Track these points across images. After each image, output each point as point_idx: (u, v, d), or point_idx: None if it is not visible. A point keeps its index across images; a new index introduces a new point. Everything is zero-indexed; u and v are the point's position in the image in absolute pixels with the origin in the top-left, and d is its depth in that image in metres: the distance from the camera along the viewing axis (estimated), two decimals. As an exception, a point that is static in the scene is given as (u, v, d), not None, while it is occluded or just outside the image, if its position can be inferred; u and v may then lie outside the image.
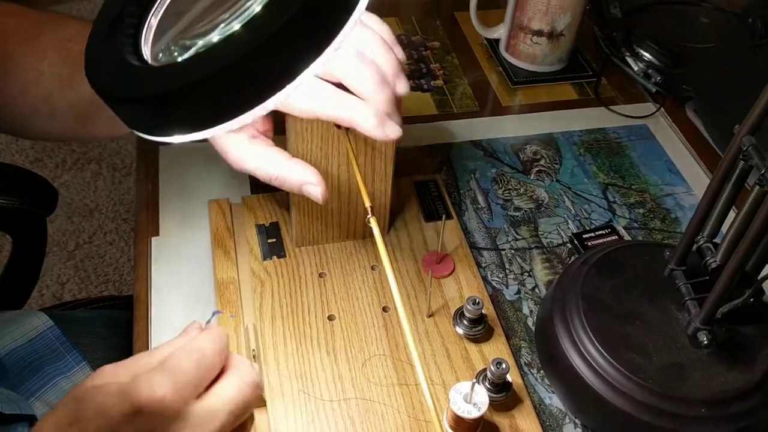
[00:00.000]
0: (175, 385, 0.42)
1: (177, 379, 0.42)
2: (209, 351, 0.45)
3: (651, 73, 0.98)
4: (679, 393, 0.61)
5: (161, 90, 0.36)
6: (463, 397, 0.58)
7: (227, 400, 0.44)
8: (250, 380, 0.45)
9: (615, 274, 0.69)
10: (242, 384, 0.45)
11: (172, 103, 0.36)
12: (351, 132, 0.59)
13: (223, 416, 0.43)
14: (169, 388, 0.41)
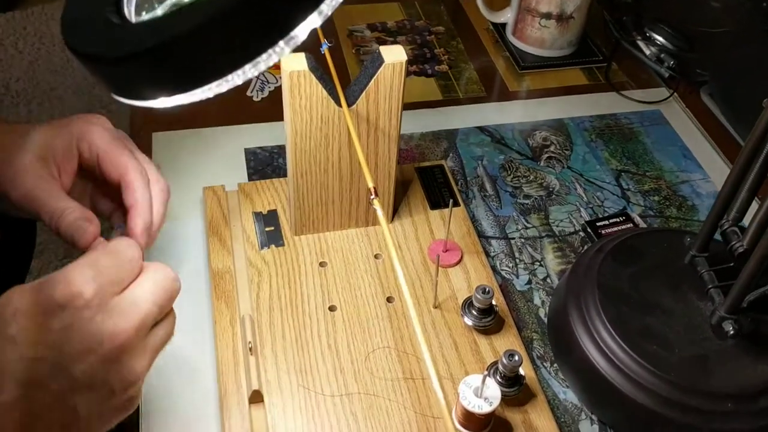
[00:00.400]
0: (95, 279, 0.42)
1: (97, 276, 0.42)
2: (128, 253, 0.45)
3: (664, 57, 0.95)
4: (703, 387, 0.57)
5: (141, 47, 0.32)
6: (474, 391, 0.54)
7: (149, 291, 0.44)
8: (170, 275, 0.46)
9: (632, 262, 0.65)
10: (161, 277, 0.45)
11: (153, 60, 0.32)
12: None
13: (146, 306, 0.44)
14: (90, 282, 0.41)
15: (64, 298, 0.41)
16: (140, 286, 0.44)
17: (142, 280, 0.45)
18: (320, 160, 0.63)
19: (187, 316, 0.65)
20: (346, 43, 0.97)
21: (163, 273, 0.46)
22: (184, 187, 0.76)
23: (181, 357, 0.63)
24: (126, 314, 0.42)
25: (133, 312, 0.43)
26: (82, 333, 0.41)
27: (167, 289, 0.45)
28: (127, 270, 0.44)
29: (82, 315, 0.41)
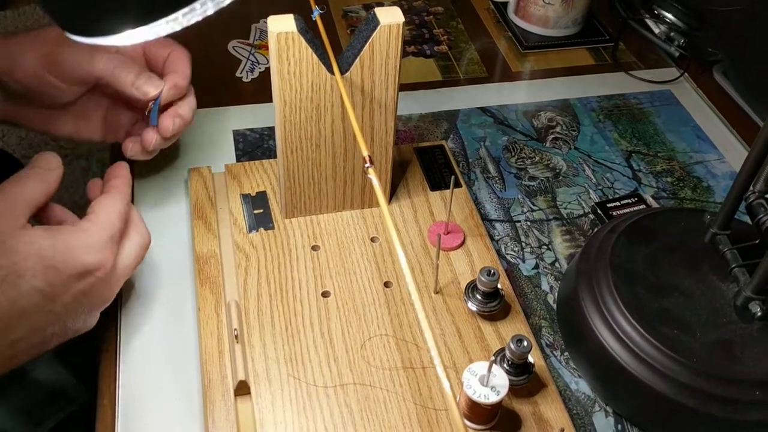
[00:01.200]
0: (113, 250, 0.50)
1: (115, 245, 0.51)
2: (128, 210, 0.53)
3: (674, 36, 0.90)
4: (728, 374, 0.52)
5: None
6: (479, 380, 0.50)
7: (133, 258, 0.53)
8: (147, 241, 0.55)
9: (648, 242, 0.60)
10: (143, 243, 0.54)
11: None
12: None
13: (129, 272, 0.53)
14: (110, 254, 0.50)
15: (93, 266, 0.49)
16: (130, 253, 0.53)
17: (131, 244, 0.53)
18: (311, 135, 0.59)
19: (169, 302, 0.61)
20: (341, 23, 0.93)
21: (145, 240, 0.54)
22: (169, 170, 0.72)
23: (163, 346, 0.58)
24: (117, 282, 0.52)
25: (124, 277, 0.53)
26: (91, 300, 0.50)
27: (141, 255, 0.55)
28: (123, 231, 0.52)
29: (96, 284, 0.50)
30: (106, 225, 0.50)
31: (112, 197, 0.52)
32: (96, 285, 0.49)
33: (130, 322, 0.60)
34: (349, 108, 0.52)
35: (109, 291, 0.51)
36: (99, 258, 0.48)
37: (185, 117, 0.63)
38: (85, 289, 0.49)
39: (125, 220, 0.52)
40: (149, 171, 0.72)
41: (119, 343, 0.58)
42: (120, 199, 0.52)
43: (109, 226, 0.50)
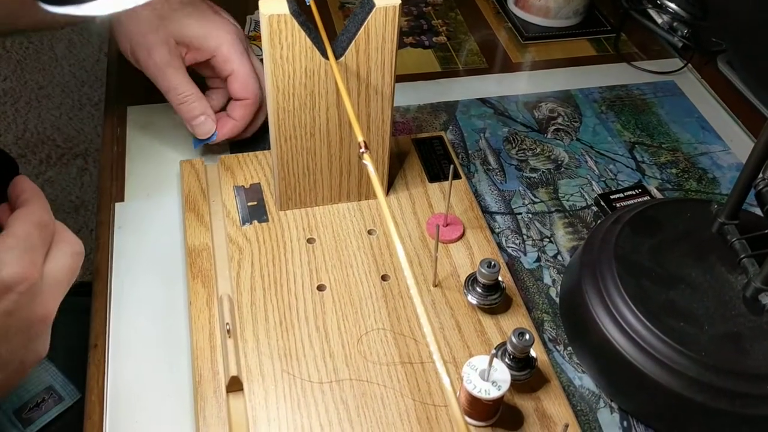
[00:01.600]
0: (35, 263, 0.42)
1: (37, 257, 0.43)
2: (50, 224, 0.45)
3: (677, 26, 0.89)
4: (737, 367, 0.50)
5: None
6: (480, 374, 0.48)
7: (66, 269, 0.45)
8: (78, 249, 0.46)
9: (653, 233, 0.59)
10: (74, 252, 0.46)
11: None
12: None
13: (64, 284, 0.45)
14: (33, 266, 0.42)
15: (12, 280, 0.41)
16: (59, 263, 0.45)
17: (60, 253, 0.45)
18: (306, 122, 0.57)
19: (159, 297, 0.59)
20: (338, 15, 0.91)
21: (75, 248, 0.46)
22: (161, 162, 0.70)
23: (153, 342, 0.56)
24: (51, 295, 0.44)
25: (58, 291, 0.44)
26: (18, 320, 0.42)
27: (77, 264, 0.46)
28: (50, 234, 0.45)
29: (22, 301, 0.42)
30: (20, 236, 0.43)
31: (26, 209, 0.45)
32: (21, 302, 0.42)
33: (120, 316, 0.58)
34: (344, 94, 0.50)
35: (41, 307, 0.43)
36: (17, 271, 0.41)
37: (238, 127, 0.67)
38: (8, 308, 0.41)
39: (48, 231, 0.45)
40: (141, 163, 0.70)
41: (108, 338, 0.57)
42: (35, 209, 0.45)
43: (25, 236, 0.43)
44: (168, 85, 0.64)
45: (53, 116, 2.11)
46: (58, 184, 1.97)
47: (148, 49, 0.63)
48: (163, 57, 0.63)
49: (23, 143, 2.07)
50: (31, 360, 0.44)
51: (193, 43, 0.63)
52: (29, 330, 0.43)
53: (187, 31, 0.62)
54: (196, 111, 0.65)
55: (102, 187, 0.68)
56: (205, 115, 0.65)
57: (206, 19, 0.64)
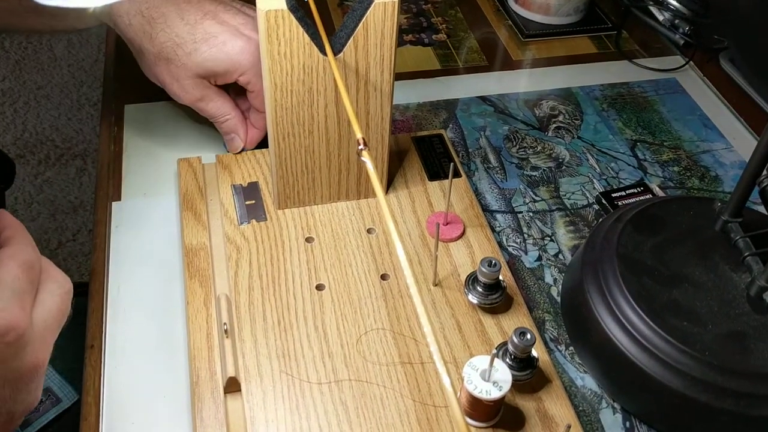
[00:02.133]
0: (24, 308, 0.39)
1: (24, 303, 0.39)
2: (37, 264, 0.41)
3: (678, 23, 0.88)
4: (742, 367, 0.50)
5: None
6: (481, 375, 0.47)
7: (56, 311, 0.42)
8: (67, 287, 0.43)
9: (655, 231, 0.58)
10: (62, 292, 0.42)
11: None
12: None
13: (56, 328, 0.42)
14: (21, 313, 0.38)
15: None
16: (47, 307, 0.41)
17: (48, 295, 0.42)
18: (304, 120, 0.56)
19: (157, 297, 0.59)
20: (336, 12, 0.90)
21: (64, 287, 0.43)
22: (158, 161, 0.69)
23: (150, 342, 0.56)
24: (42, 341, 0.40)
25: (49, 337, 0.41)
26: (6, 371, 0.39)
27: (66, 304, 0.43)
28: (37, 275, 0.42)
29: (9, 351, 0.39)
30: (6, 280, 0.40)
31: (10, 249, 0.41)
32: (9, 353, 0.39)
33: (116, 316, 0.57)
34: (343, 91, 0.49)
35: (31, 356, 0.40)
36: (5, 320, 0.38)
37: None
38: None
39: (35, 271, 0.42)
40: (138, 162, 0.69)
41: (105, 339, 0.56)
42: (20, 248, 0.42)
43: (12, 280, 0.40)
44: (204, 113, 0.67)
45: (52, 116, 2.11)
46: (56, 184, 1.97)
47: (176, 95, 0.66)
48: (193, 98, 0.66)
49: (22, 143, 2.06)
50: (21, 411, 0.41)
51: (218, 75, 0.65)
52: (18, 381, 0.40)
53: (209, 68, 0.64)
54: (227, 130, 0.68)
55: (99, 186, 0.68)
56: (233, 134, 0.68)
57: (223, 51, 0.63)
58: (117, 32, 0.67)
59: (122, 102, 0.75)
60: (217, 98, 0.66)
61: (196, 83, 0.64)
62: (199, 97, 0.65)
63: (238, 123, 0.67)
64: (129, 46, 0.67)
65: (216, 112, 0.67)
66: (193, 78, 0.64)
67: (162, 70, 0.65)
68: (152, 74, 0.66)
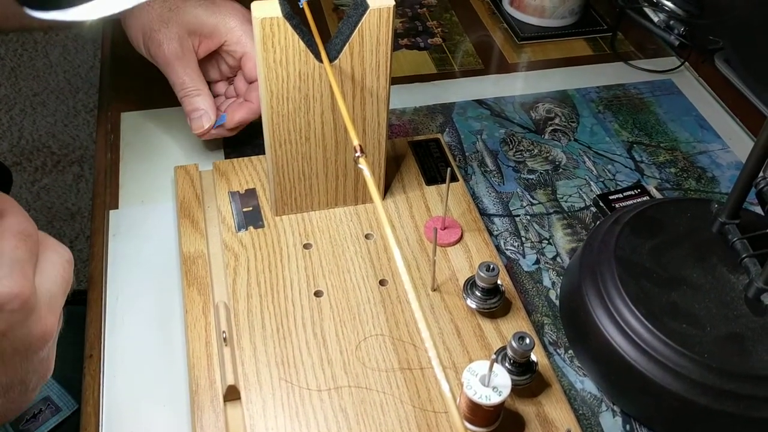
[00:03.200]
0: (21, 271, 0.38)
1: (20, 265, 0.38)
2: (34, 234, 0.40)
3: (673, 24, 0.88)
4: (741, 369, 0.50)
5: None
6: (480, 380, 0.47)
7: (60, 279, 0.41)
8: (68, 256, 0.42)
9: (653, 233, 0.58)
10: (63, 261, 0.41)
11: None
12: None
13: (61, 296, 0.41)
14: (25, 280, 0.37)
15: (1, 299, 0.37)
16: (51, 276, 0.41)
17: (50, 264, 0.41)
18: (300, 126, 0.56)
19: (155, 305, 0.58)
20: (332, 17, 0.90)
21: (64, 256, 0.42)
22: (155, 169, 0.69)
23: (149, 350, 0.56)
24: (48, 309, 0.40)
25: (55, 304, 0.40)
26: (14, 340, 0.38)
27: (69, 273, 0.42)
28: (36, 244, 0.41)
29: (15, 319, 0.38)
30: (5, 250, 0.39)
31: (4, 220, 0.41)
32: (15, 321, 0.39)
33: (115, 325, 0.57)
34: (339, 97, 0.49)
35: (38, 324, 0.40)
36: (7, 287, 0.38)
37: None
38: (1, 329, 0.38)
39: (33, 240, 0.41)
40: (135, 170, 0.69)
41: (104, 348, 0.56)
42: (15, 220, 0.41)
43: (11, 249, 0.39)
44: (175, 79, 0.65)
45: (48, 123, 2.11)
46: (53, 191, 1.97)
47: (159, 42, 0.64)
48: (174, 50, 0.64)
49: (18, 151, 2.06)
50: (35, 381, 0.41)
51: (204, 31, 0.64)
52: (27, 350, 0.40)
53: (198, 20, 0.64)
54: (196, 105, 0.65)
55: (96, 194, 0.68)
56: (202, 111, 0.65)
57: (215, 5, 0.65)
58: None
59: (118, 110, 0.75)
60: (194, 66, 0.65)
61: (182, 36, 0.63)
62: (179, 53, 0.64)
63: (207, 98, 0.66)
64: None
65: (188, 79, 0.65)
66: (181, 27, 0.63)
67: (154, 13, 0.64)
68: (142, 16, 0.65)
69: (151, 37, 0.64)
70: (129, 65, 0.79)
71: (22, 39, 2.33)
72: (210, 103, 0.66)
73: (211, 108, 0.65)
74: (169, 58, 0.64)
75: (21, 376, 0.40)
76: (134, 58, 0.69)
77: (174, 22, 0.64)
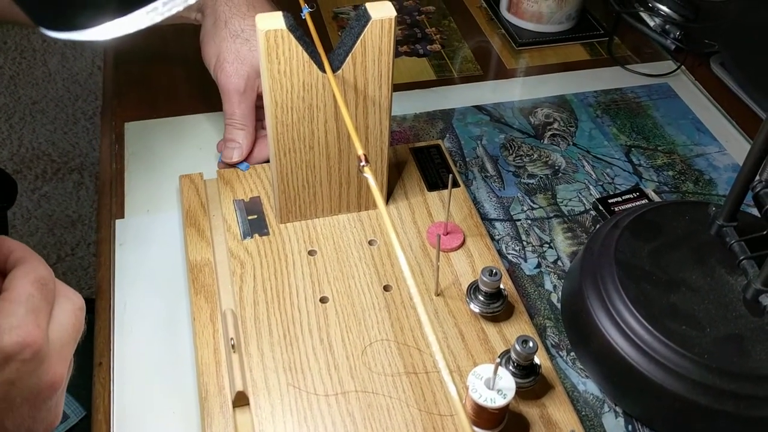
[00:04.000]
0: (40, 325, 0.39)
1: (40, 320, 0.39)
2: (50, 282, 0.41)
3: (669, 28, 0.89)
4: (740, 369, 0.51)
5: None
6: (485, 383, 0.48)
7: (71, 327, 0.42)
8: (80, 304, 0.43)
9: (652, 236, 0.59)
10: (75, 308, 0.43)
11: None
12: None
13: (72, 344, 0.42)
14: (36, 330, 0.39)
15: (13, 349, 0.38)
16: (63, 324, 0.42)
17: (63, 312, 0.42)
18: (304, 136, 0.57)
19: (163, 313, 0.59)
20: (332, 25, 0.91)
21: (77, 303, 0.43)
22: (160, 178, 0.70)
23: (158, 358, 0.57)
24: (59, 358, 0.41)
25: (66, 352, 0.41)
26: (23, 389, 0.39)
27: (80, 321, 0.43)
28: (52, 292, 0.41)
29: (26, 369, 0.39)
30: (21, 298, 0.40)
31: (23, 267, 0.41)
32: (25, 370, 0.39)
33: (124, 334, 0.58)
34: (343, 107, 0.50)
35: (49, 373, 0.40)
36: (20, 336, 0.38)
37: None
38: (11, 378, 0.38)
39: (49, 288, 0.42)
40: (140, 179, 0.70)
41: (113, 356, 0.57)
42: (32, 266, 0.42)
43: (26, 297, 0.40)
44: (228, 108, 0.68)
45: (48, 131, 2.11)
46: (54, 199, 1.97)
47: (228, 75, 0.67)
48: (236, 85, 0.67)
49: (18, 159, 2.06)
50: (43, 429, 0.41)
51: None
52: (36, 398, 0.40)
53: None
54: (235, 137, 0.68)
55: (101, 204, 0.68)
56: (238, 144, 0.68)
57: None
58: None
59: (122, 119, 0.76)
60: (249, 104, 0.68)
61: (250, 75, 0.66)
62: (240, 89, 0.66)
63: (248, 137, 0.68)
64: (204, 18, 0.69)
65: (239, 112, 0.67)
66: (252, 68, 0.66)
67: (231, 45, 0.66)
68: (219, 43, 0.67)
69: (222, 66, 0.67)
70: (131, 75, 0.80)
71: (20, 47, 2.34)
72: (249, 141, 0.68)
73: (247, 145, 0.68)
74: (231, 91, 0.67)
75: (28, 425, 0.40)
76: (136, 68, 0.70)
77: (247, 61, 0.66)
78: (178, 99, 0.78)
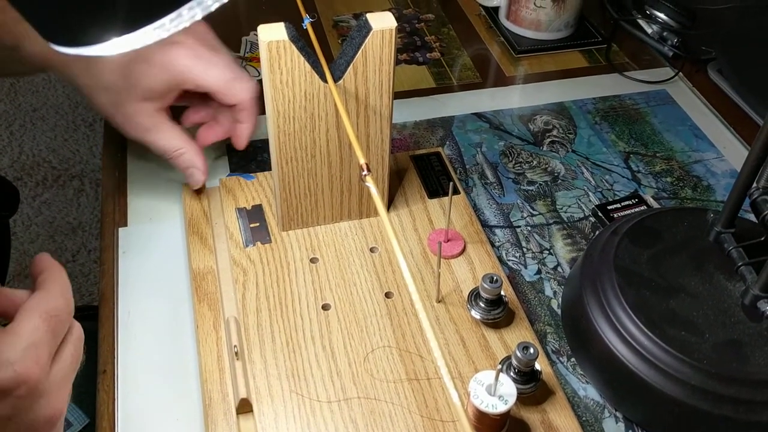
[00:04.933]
0: (38, 361, 0.38)
1: (40, 355, 0.39)
2: (63, 313, 0.41)
3: (666, 35, 0.90)
4: (740, 374, 0.51)
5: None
6: (486, 389, 0.49)
7: (71, 359, 0.41)
8: (78, 334, 0.43)
9: (651, 243, 0.59)
10: (74, 339, 0.42)
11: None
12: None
13: (71, 377, 0.42)
14: (35, 366, 0.38)
15: (8, 385, 0.37)
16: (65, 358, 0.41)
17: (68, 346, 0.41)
18: (306, 144, 0.58)
19: (166, 321, 0.60)
20: (332, 33, 0.92)
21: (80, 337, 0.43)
22: (162, 186, 0.71)
23: (161, 366, 0.57)
24: (58, 392, 0.40)
25: (65, 385, 0.41)
26: (20, 425, 0.39)
27: (80, 353, 0.43)
28: (62, 333, 0.41)
29: (23, 404, 0.38)
30: (24, 331, 0.39)
31: (38, 296, 0.41)
32: (22, 406, 0.38)
33: (127, 341, 0.58)
34: (344, 116, 0.51)
35: (47, 408, 0.39)
36: (16, 372, 0.37)
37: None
38: (7, 414, 0.37)
39: (60, 321, 0.40)
40: (143, 188, 0.71)
41: (117, 364, 0.57)
42: (49, 297, 0.41)
43: (30, 331, 0.39)
44: (155, 149, 0.64)
45: (48, 138, 2.12)
46: (54, 206, 1.98)
47: (127, 116, 0.61)
48: (145, 121, 0.62)
49: (19, 166, 2.07)
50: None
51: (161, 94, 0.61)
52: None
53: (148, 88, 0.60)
54: (185, 164, 0.65)
55: (105, 212, 0.69)
56: (191, 168, 0.65)
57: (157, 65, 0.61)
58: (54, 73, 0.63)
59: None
60: (168, 129, 0.63)
61: (141, 110, 0.60)
62: (148, 126, 0.61)
63: (194, 155, 0.64)
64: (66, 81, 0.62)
65: (168, 145, 0.63)
66: (138, 103, 0.60)
67: (102, 100, 0.61)
68: (96, 105, 0.62)
69: (110, 119, 0.62)
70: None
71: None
72: (195, 157, 0.65)
73: (199, 161, 0.65)
74: (141, 136, 0.63)
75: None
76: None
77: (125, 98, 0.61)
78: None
